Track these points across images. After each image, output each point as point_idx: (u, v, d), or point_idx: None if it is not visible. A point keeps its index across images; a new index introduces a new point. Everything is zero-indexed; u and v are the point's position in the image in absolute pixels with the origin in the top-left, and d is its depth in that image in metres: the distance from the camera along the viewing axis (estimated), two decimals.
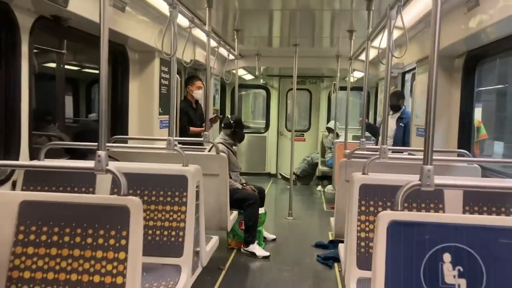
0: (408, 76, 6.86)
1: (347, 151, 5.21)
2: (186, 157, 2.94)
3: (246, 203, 4.86)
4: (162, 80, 5.09)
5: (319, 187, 9.21)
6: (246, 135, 10.77)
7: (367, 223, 2.69)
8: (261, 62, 7.85)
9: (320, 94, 10.44)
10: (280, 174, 9.89)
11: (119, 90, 4.72)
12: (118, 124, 4.73)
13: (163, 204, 2.81)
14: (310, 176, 9.79)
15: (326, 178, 9.69)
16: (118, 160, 3.42)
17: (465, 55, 4.31)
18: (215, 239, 3.62)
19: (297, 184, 9.63)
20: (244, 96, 11.56)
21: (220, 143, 4.98)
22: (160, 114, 5.04)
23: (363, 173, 2.85)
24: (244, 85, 10.56)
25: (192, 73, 6.67)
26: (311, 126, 10.59)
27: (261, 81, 9.90)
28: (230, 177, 4.93)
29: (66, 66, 4.76)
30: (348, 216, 2.91)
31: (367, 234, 2.67)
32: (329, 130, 9.00)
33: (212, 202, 3.98)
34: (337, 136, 8.23)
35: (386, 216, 1.72)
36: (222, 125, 5.14)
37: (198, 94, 5.93)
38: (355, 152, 3.99)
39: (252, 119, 11.90)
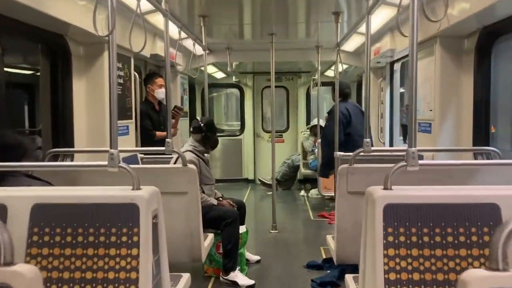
0: (397, 66, 6.16)
1: (339, 153, 4.49)
2: (137, 177, 2.09)
3: (224, 222, 4.03)
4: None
5: (302, 192, 8.45)
6: (220, 138, 9.99)
7: (398, 260, 1.90)
8: (233, 56, 7.01)
9: (297, 91, 9.69)
10: (259, 180, 9.09)
11: (60, 92, 3.82)
12: (61, 134, 3.83)
13: (106, 247, 1.95)
14: (291, 180, 9.02)
15: (309, 181, 8.94)
16: (51, 184, 2.54)
17: (478, 34, 3.61)
18: (185, 279, 2.78)
19: (278, 190, 8.84)
20: (216, 96, 10.71)
21: (189, 151, 4.13)
22: None
23: (385, 187, 2.06)
24: (215, 85, 9.72)
25: (154, 71, 5.79)
26: (290, 126, 9.83)
27: (234, 78, 9.08)
28: (203, 192, 4.10)
29: None
30: (366, 247, 2.12)
31: (399, 276, 1.89)
32: (312, 130, 8.24)
33: (181, 228, 3.15)
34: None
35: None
36: (191, 129, 4.29)
37: (160, 93, 5.08)
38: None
39: (225, 121, 11.06)
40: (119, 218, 2.00)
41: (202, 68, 7.50)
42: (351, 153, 4.32)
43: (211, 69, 8.03)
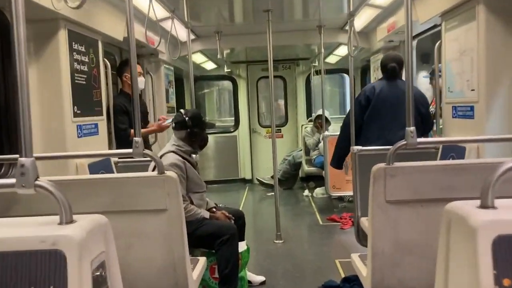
0: (413, 44, 5.33)
1: (357, 147, 3.68)
2: (66, 203, 1.25)
3: (219, 240, 3.20)
4: (76, 64, 3.36)
5: (306, 192, 7.62)
6: (212, 136, 9.15)
7: None
8: (224, 42, 6.17)
9: (296, 81, 8.85)
10: (258, 180, 8.25)
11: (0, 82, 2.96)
12: (4, 135, 2.98)
13: None
14: (292, 179, 8.20)
15: (311, 179, 8.13)
16: None
17: None
18: None
19: (279, 190, 8.01)
20: (207, 90, 9.85)
21: (172, 152, 3.30)
22: (76, 115, 3.32)
23: (483, 205, 1.23)
24: (205, 77, 8.87)
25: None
26: (289, 120, 8.99)
27: (225, 69, 8.23)
28: (191, 202, 3.27)
29: None
30: None
31: None
32: (315, 123, 7.41)
33: (160, 257, 2.32)
34: (327, 122, 6.65)
35: None
36: (173, 124, 3.44)
37: (139, 82, 4.24)
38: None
39: (218, 117, 10.21)
40: (35, 276, 1.17)
41: (187, 57, 6.67)
42: (376, 147, 3.56)
43: (199, 59, 7.18)
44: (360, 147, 3.70)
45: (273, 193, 7.62)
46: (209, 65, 8.17)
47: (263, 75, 8.75)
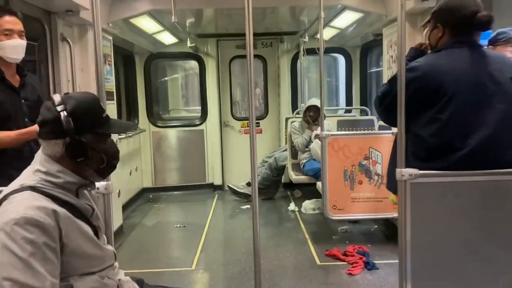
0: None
1: (411, 171, 1.95)
2: None
3: None
4: None
5: (292, 205, 5.88)
6: (173, 130, 7.27)
7: None
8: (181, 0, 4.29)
9: (279, 62, 7.02)
10: (229, 188, 6.45)
11: None
12: None
13: None
14: (274, 186, 6.44)
15: (297, 186, 6.42)
16: None
17: None
18: None
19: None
20: (168, 71, 7.93)
21: (31, 188, 1.48)
22: None
23: None
24: (163, 55, 6.95)
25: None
26: (269, 112, 7.18)
27: (189, 44, 6.33)
28: None
29: None
30: None
31: None
32: (305, 115, 5.64)
33: None
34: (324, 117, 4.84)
35: None
36: (39, 129, 1.60)
37: (9, 48, 2.41)
38: None
39: (185, 106, 8.34)
40: None
41: (133, 21, 4.78)
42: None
43: (150, 26, 5.28)
44: (419, 171, 2.00)
45: (248, 206, 5.93)
46: (167, 38, 6.26)
47: (238, 53, 6.92)
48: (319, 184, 4.91)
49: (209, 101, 6.94)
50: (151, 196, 6.77)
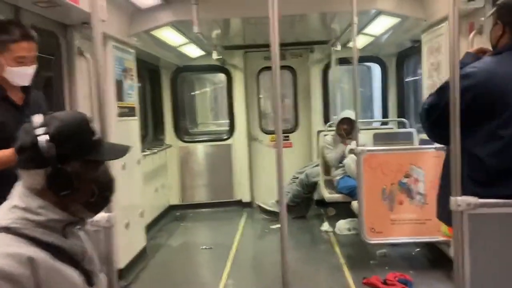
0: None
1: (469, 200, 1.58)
2: None
3: None
4: None
5: (325, 225, 5.50)
6: (201, 145, 7.04)
7: None
8: (204, 9, 4.06)
9: (309, 73, 6.70)
10: (258, 206, 6.14)
11: None
12: None
13: None
14: (305, 204, 6.08)
15: (330, 204, 6.02)
16: None
17: None
18: None
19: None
20: (196, 85, 7.75)
21: (4, 230, 1.21)
22: None
23: None
24: (190, 68, 6.77)
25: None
26: (299, 124, 6.86)
27: (214, 56, 6.11)
28: None
29: None
30: None
31: None
32: (339, 128, 5.29)
33: None
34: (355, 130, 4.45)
35: None
36: (18, 156, 1.35)
37: (18, 74, 2.22)
38: None
39: (211, 120, 8.14)
40: None
41: (155, 34, 4.60)
42: None
43: (174, 38, 5.08)
44: (478, 200, 1.66)
45: (279, 226, 5.58)
46: (193, 51, 6.07)
47: (266, 65, 6.64)
48: (354, 203, 4.54)
49: (237, 114, 6.68)
50: (178, 214, 6.54)
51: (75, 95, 3.54)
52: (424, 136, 4.01)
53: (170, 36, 4.85)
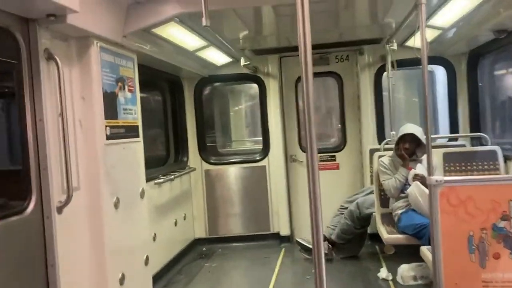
0: None
1: None
2: None
3: None
4: None
5: (383, 272, 4.29)
6: (229, 167, 5.94)
7: None
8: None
9: (359, 79, 5.56)
10: (297, 242, 5.02)
11: None
12: None
13: None
14: (357, 241, 4.91)
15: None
16: None
17: None
18: None
19: (332, 258, 4.80)
20: (225, 98, 6.79)
21: None
22: None
23: None
24: (217, 78, 5.83)
25: None
26: (348, 142, 5.71)
27: (243, 62, 5.11)
28: None
29: None
30: None
31: None
32: (398, 148, 4.10)
33: None
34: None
35: None
36: None
37: None
38: None
39: (243, 138, 7.13)
40: None
41: (157, 32, 3.69)
42: None
43: (186, 38, 4.12)
44: None
45: None
46: (217, 56, 5.12)
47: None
48: (424, 250, 3.35)
49: (272, 131, 5.64)
50: (204, 249, 5.56)
51: (41, 113, 2.64)
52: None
53: (180, 35, 3.90)
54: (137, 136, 3.63)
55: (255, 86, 5.90)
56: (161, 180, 4.45)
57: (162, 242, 4.47)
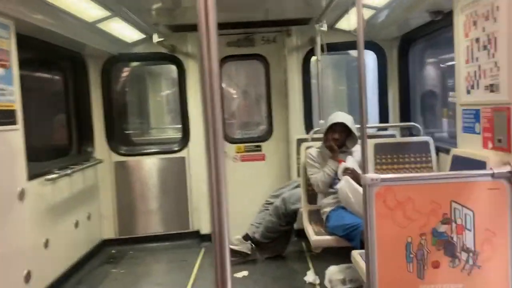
0: None
1: None
2: None
3: None
4: None
5: (310, 275, 3.92)
6: (144, 158, 5.05)
7: None
8: None
9: (286, 63, 5.12)
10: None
11: None
12: None
13: None
14: (283, 239, 4.51)
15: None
16: None
17: None
18: None
19: (256, 259, 4.38)
20: (139, 79, 6.07)
21: None
22: None
23: None
24: (129, 57, 5.13)
25: None
26: (274, 131, 5.27)
27: (156, 39, 4.48)
28: None
29: None
30: None
31: None
32: (327, 138, 3.69)
33: None
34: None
35: None
36: None
37: None
38: None
39: (166, 124, 6.48)
40: None
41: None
42: None
43: (80, 3, 3.42)
44: None
45: (246, 274, 4.02)
46: (126, 31, 4.42)
47: (230, 53, 5.06)
48: (356, 256, 2.98)
49: (192, 117, 5.07)
50: (113, 251, 4.90)
51: None
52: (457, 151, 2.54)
53: (74, 0, 3.19)
54: (14, 123, 2.91)
55: (175, 68, 5.27)
56: (54, 176, 3.72)
57: (57, 249, 3.78)
